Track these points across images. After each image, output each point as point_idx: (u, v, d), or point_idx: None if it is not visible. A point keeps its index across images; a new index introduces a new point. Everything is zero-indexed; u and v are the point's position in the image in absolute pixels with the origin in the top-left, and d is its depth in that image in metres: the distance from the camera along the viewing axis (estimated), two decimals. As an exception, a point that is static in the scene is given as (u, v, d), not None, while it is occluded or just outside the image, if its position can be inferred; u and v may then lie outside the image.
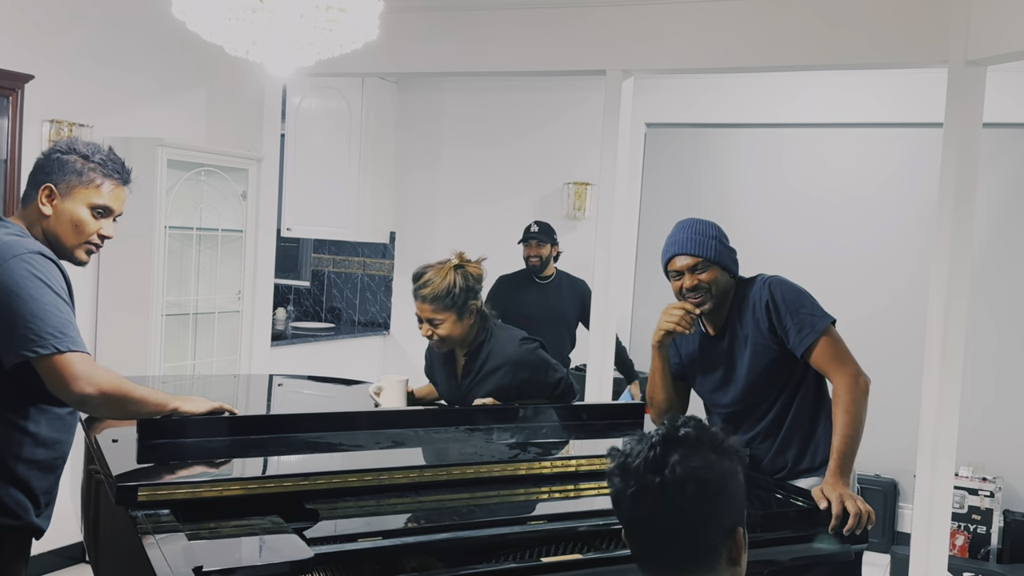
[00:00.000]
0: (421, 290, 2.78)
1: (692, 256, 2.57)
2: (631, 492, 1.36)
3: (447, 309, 2.78)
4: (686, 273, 2.58)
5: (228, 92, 4.97)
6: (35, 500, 2.17)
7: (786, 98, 5.51)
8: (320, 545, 1.78)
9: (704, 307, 2.59)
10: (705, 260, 2.56)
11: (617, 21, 4.41)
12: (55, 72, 4.03)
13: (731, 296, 2.63)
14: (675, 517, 1.34)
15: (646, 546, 1.38)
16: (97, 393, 2.02)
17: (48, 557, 4.11)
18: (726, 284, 2.60)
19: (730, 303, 2.63)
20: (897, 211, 5.35)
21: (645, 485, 1.35)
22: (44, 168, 2.18)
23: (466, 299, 2.79)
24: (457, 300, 2.77)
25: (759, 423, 2.63)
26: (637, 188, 5.89)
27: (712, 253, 2.57)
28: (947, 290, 3.70)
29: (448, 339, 2.85)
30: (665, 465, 1.34)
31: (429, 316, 2.80)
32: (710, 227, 2.62)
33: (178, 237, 4.45)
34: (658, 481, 1.34)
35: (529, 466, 2.28)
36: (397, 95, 6.40)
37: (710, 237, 2.58)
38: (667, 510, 1.34)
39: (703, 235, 2.58)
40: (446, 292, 2.76)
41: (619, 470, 1.38)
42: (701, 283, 2.57)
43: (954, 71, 3.72)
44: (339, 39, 2.52)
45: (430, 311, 2.79)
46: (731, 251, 2.63)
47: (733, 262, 2.63)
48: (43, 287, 2.01)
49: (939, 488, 3.75)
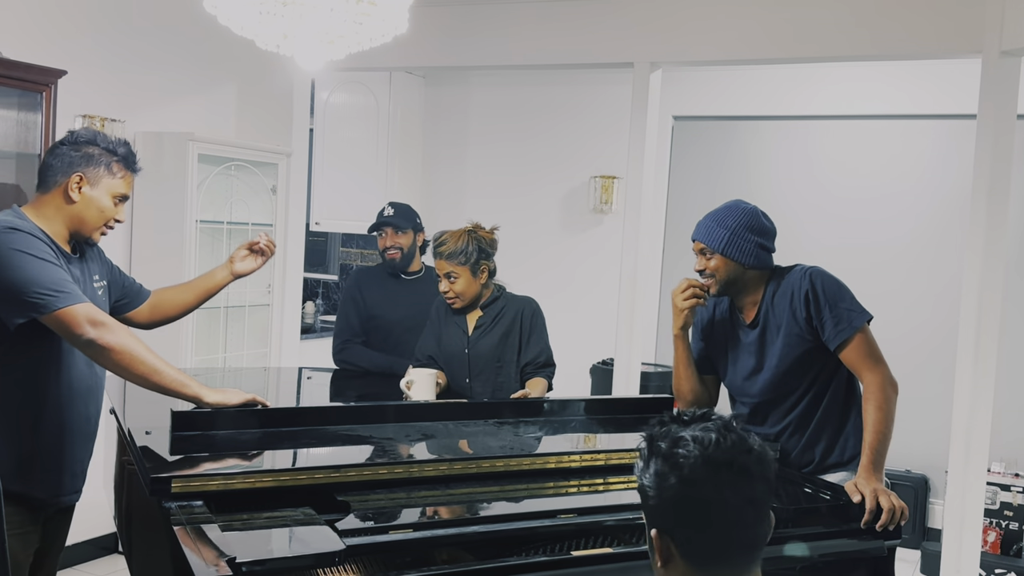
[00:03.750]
0: (438, 248, 3.15)
1: (698, 242, 2.62)
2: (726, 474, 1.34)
3: (461, 265, 3.12)
4: (699, 255, 2.63)
5: (258, 87, 5.00)
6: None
7: (815, 90, 5.46)
8: (351, 537, 1.78)
9: (710, 290, 2.62)
10: (709, 248, 2.58)
11: (645, 13, 4.39)
12: (87, 68, 4.07)
13: (760, 283, 2.61)
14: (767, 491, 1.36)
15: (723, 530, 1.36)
16: (98, 339, 2.18)
17: (82, 547, 4.16)
18: (734, 273, 2.58)
19: (762, 290, 2.61)
20: (929, 204, 5.29)
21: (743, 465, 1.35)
22: (74, 160, 2.35)
23: (478, 259, 3.14)
24: (470, 258, 3.12)
25: (788, 415, 2.61)
26: (664, 181, 5.86)
27: (716, 243, 2.56)
28: (980, 284, 3.66)
29: (463, 295, 3.16)
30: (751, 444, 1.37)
31: (446, 271, 3.14)
32: (733, 215, 2.59)
33: (209, 231, 4.49)
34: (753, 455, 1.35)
35: (558, 460, 2.28)
36: (424, 89, 6.41)
37: (724, 227, 2.57)
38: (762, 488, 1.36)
39: (720, 224, 2.58)
40: (460, 251, 3.11)
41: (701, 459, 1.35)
42: (708, 267, 2.60)
43: (988, 62, 3.67)
44: (369, 32, 2.53)
45: (447, 266, 3.14)
46: (749, 243, 2.56)
47: (747, 254, 2.56)
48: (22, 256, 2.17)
49: (971, 484, 3.71)
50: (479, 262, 3.14)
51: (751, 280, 2.61)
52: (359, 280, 3.87)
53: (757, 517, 1.35)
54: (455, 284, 3.14)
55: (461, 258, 3.11)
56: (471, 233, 3.16)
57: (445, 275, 3.15)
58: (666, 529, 1.36)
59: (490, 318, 3.19)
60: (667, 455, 1.36)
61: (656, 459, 1.37)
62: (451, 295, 3.16)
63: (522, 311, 3.19)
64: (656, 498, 1.36)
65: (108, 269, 2.58)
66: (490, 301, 3.21)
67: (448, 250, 3.12)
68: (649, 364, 5.50)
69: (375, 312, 3.72)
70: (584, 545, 1.99)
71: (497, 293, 3.23)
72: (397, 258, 3.74)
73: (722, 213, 2.61)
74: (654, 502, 1.37)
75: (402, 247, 3.77)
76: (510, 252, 3.69)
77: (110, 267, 2.60)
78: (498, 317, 3.19)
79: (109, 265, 2.60)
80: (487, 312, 3.21)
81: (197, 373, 3.81)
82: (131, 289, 2.68)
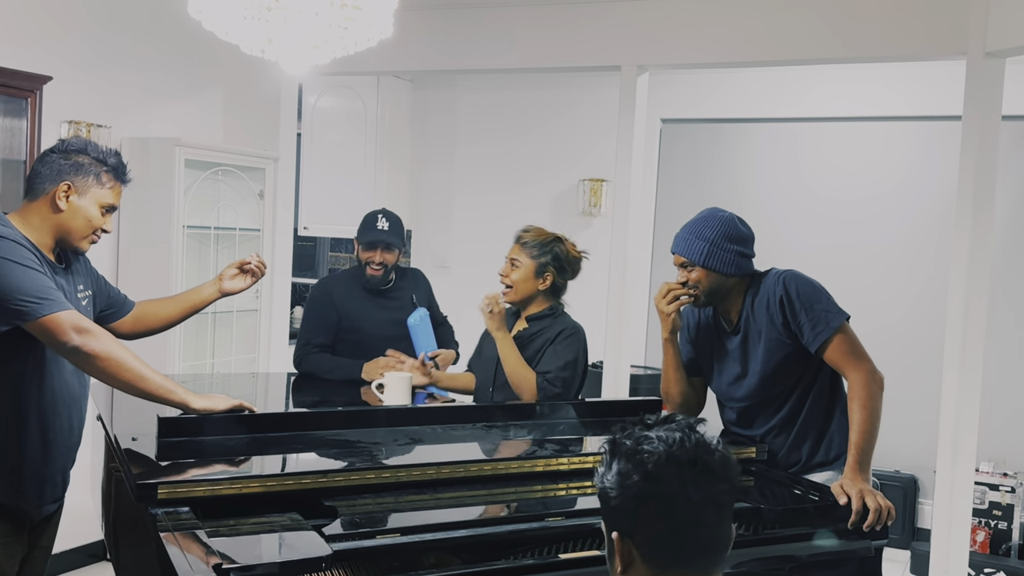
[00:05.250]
0: (523, 234, 3.07)
1: (679, 255, 2.62)
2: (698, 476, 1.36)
3: (530, 258, 3.01)
4: (680, 268, 2.63)
5: (245, 92, 4.99)
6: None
7: (802, 92, 5.48)
8: (339, 542, 1.78)
9: (695, 302, 2.62)
10: (690, 261, 2.59)
11: (631, 16, 4.40)
12: (72, 73, 4.05)
13: (741, 290, 2.62)
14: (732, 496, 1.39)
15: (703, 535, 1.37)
16: (84, 346, 2.16)
17: (69, 555, 4.14)
18: (716, 283, 2.59)
19: (742, 297, 2.63)
20: (915, 205, 5.32)
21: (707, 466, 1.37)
22: (63, 168, 2.33)
23: (548, 263, 3.01)
24: (541, 257, 3.01)
25: (773, 417, 2.62)
26: (653, 184, 5.88)
27: (697, 256, 2.57)
28: (966, 283, 3.67)
29: (516, 287, 3.03)
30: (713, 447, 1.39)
31: (514, 256, 3.04)
32: (710, 226, 2.58)
33: (196, 237, 4.48)
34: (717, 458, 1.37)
35: (546, 463, 2.28)
36: (412, 93, 6.41)
37: (703, 239, 2.57)
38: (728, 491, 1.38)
39: (699, 236, 2.58)
40: (536, 244, 3.01)
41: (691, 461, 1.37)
42: (690, 280, 2.60)
43: (972, 63, 3.69)
44: (354, 37, 2.53)
45: (517, 252, 3.03)
46: (729, 253, 2.56)
47: (728, 264, 2.57)
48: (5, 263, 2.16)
49: (960, 484, 3.72)
50: (547, 266, 3.01)
51: (733, 287, 2.62)
52: (329, 288, 3.65)
53: (719, 518, 1.36)
54: (514, 271, 3.02)
55: (534, 251, 3.00)
56: (558, 239, 3.06)
57: (511, 260, 3.04)
58: (627, 531, 1.37)
59: (530, 333, 3.03)
60: (630, 453, 1.37)
61: (619, 459, 1.38)
62: (506, 281, 3.04)
63: (559, 332, 3.00)
64: (618, 498, 1.37)
65: (94, 279, 2.57)
66: (539, 316, 3.05)
67: (528, 239, 3.03)
68: (638, 367, 5.50)
69: (349, 324, 3.51)
70: (572, 548, 1.99)
71: (549, 311, 3.06)
72: (379, 275, 3.52)
73: (700, 225, 2.61)
74: (616, 502, 1.38)
75: (387, 264, 3.52)
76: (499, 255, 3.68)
77: (96, 277, 2.59)
78: (537, 334, 3.02)
79: (95, 275, 2.59)
80: (531, 326, 3.05)
81: (185, 379, 3.79)
82: (116, 300, 2.66)
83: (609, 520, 1.40)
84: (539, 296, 3.04)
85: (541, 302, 3.05)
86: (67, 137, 3.99)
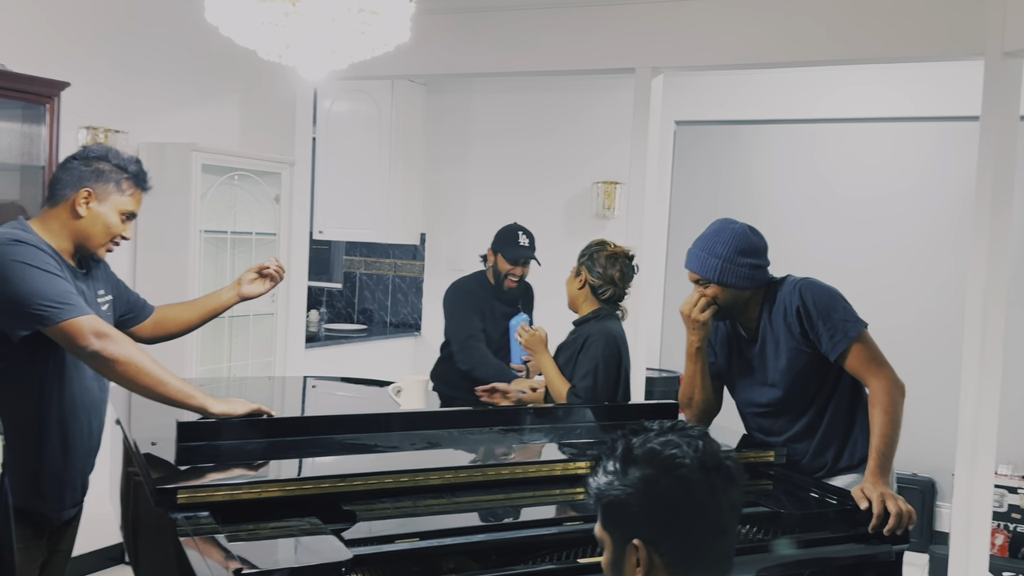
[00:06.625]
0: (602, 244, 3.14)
1: (693, 272, 2.62)
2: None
3: (579, 260, 3.11)
4: (695, 284, 2.63)
5: (260, 97, 5.01)
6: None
7: (818, 94, 5.46)
8: (358, 546, 1.78)
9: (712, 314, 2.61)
10: (704, 278, 2.58)
11: (646, 18, 4.40)
12: (90, 79, 4.08)
13: (758, 299, 2.61)
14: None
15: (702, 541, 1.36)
16: (103, 350, 2.17)
17: (89, 558, 4.16)
18: (732, 297, 2.58)
19: (760, 306, 2.62)
20: (932, 206, 5.29)
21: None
22: (84, 175, 2.34)
23: (583, 262, 3.09)
24: (580, 256, 3.11)
25: (797, 423, 2.61)
26: (667, 186, 5.87)
27: (712, 273, 2.55)
28: (985, 285, 3.65)
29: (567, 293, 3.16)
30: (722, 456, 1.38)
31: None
32: (722, 241, 2.56)
33: (213, 241, 4.49)
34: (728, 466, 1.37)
35: (564, 466, 2.28)
36: (426, 97, 6.42)
37: (716, 256, 2.55)
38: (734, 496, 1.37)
39: (711, 253, 2.57)
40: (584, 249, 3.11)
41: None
42: (705, 295, 2.59)
43: (990, 63, 3.67)
44: (371, 42, 2.53)
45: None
46: (743, 267, 2.55)
47: (743, 278, 2.55)
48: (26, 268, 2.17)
49: (979, 486, 3.70)
50: (581, 266, 3.11)
51: (750, 298, 2.61)
52: (472, 290, 4.05)
53: (736, 524, 1.37)
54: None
55: (579, 257, 3.13)
56: (601, 242, 3.15)
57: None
58: (651, 538, 1.33)
59: (570, 340, 3.12)
60: (655, 458, 1.34)
61: (638, 465, 1.35)
62: None
63: (586, 339, 3.03)
64: (642, 504, 1.34)
65: (113, 284, 2.58)
66: (581, 320, 3.13)
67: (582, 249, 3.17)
68: (653, 370, 5.49)
69: (482, 325, 3.92)
70: (591, 552, 1.99)
71: (592, 315, 3.10)
72: (514, 287, 3.96)
73: (711, 240, 2.59)
74: (637, 509, 1.34)
75: (523, 277, 4.00)
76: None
77: (115, 282, 2.60)
78: (574, 341, 3.09)
79: (115, 280, 2.60)
80: (575, 331, 3.13)
81: (202, 383, 3.81)
82: (136, 305, 2.68)
83: (625, 527, 1.36)
84: (585, 300, 3.11)
85: (587, 306, 3.12)
86: (86, 143, 4.02)
